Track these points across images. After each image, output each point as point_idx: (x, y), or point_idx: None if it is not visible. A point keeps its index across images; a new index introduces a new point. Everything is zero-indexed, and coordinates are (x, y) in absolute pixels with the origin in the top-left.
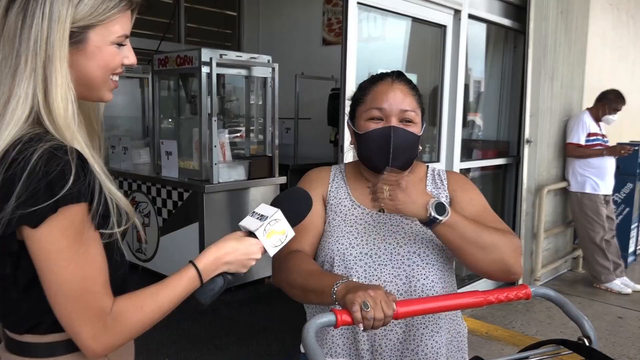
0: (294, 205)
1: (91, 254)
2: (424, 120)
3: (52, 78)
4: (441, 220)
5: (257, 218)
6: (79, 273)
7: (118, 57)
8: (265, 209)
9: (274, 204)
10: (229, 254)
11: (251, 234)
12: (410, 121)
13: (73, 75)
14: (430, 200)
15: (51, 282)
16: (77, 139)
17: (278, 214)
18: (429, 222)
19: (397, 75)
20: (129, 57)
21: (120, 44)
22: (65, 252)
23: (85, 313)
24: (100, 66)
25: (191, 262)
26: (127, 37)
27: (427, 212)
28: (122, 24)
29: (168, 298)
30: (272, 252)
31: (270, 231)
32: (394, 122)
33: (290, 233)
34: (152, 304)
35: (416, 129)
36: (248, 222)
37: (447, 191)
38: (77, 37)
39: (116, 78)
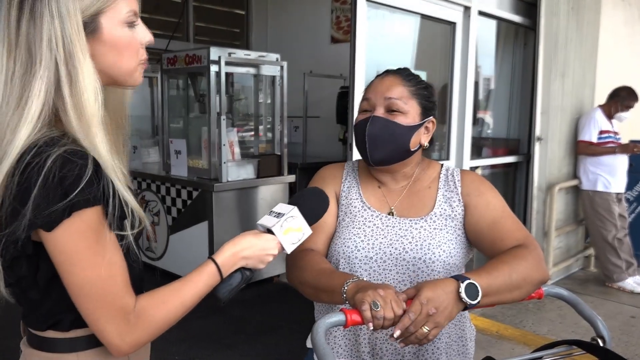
0: (311, 204)
1: (110, 254)
2: (428, 114)
3: (77, 71)
4: (478, 301)
5: (275, 216)
6: (99, 274)
7: (135, 39)
8: (282, 207)
9: (292, 202)
10: (247, 249)
11: (269, 231)
12: (397, 111)
13: (98, 66)
14: (460, 296)
15: (73, 284)
16: (97, 135)
17: (294, 211)
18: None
19: (397, 70)
20: (145, 35)
21: (132, 24)
22: (84, 253)
23: (109, 312)
24: (122, 50)
25: (210, 257)
26: (136, 14)
27: (464, 306)
28: (128, 3)
29: (190, 294)
30: (289, 249)
31: (287, 228)
32: (380, 112)
33: (307, 231)
34: (174, 300)
35: (405, 119)
36: (265, 220)
37: (460, 195)
38: (90, 26)
39: (143, 62)
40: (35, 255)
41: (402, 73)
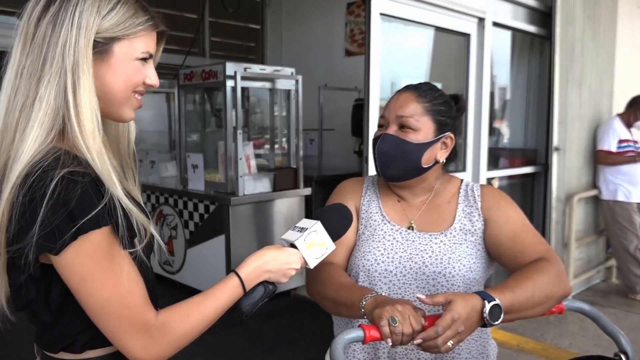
0: (334, 220)
1: (124, 271)
2: (443, 130)
3: (80, 81)
4: (498, 323)
5: (298, 231)
6: (116, 291)
7: (140, 74)
8: (305, 222)
9: (315, 217)
10: (270, 263)
11: (292, 246)
12: (409, 128)
13: (97, 87)
14: (483, 316)
15: (91, 304)
16: (96, 147)
17: (317, 225)
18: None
19: (415, 85)
20: (151, 77)
21: (144, 60)
22: (98, 273)
23: (130, 328)
24: (122, 80)
25: (233, 271)
26: (151, 56)
27: (483, 324)
28: (146, 42)
29: (213, 307)
30: (312, 263)
31: (310, 242)
32: (392, 129)
33: (330, 246)
34: (197, 313)
35: (416, 136)
36: (289, 235)
37: (480, 210)
38: (101, 47)
39: (139, 97)
40: (46, 278)
41: (420, 89)
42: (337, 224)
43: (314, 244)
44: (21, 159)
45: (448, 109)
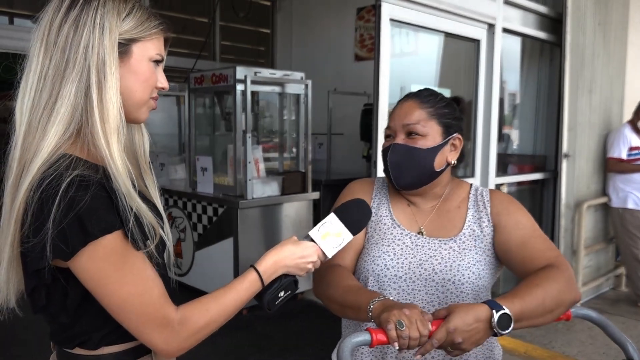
0: (352, 213)
1: (141, 270)
2: (450, 132)
3: (107, 80)
4: (509, 331)
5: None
6: (135, 291)
7: (155, 76)
8: (324, 218)
9: (335, 212)
10: (287, 257)
11: (310, 240)
12: (417, 134)
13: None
14: (492, 325)
15: (111, 304)
16: (116, 145)
17: (331, 216)
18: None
19: (416, 93)
20: (162, 81)
21: (156, 63)
22: (115, 276)
23: (152, 323)
24: (141, 81)
25: (252, 266)
26: (162, 59)
27: (494, 333)
28: (158, 46)
29: (232, 300)
30: (329, 253)
31: (324, 233)
32: (400, 138)
33: (347, 236)
34: (217, 307)
35: (425, 142)
36: (309, 232)
37: (489, 215)
38: (123, 47)
39: (154, 101)
40: (62, 282)
41: (421, 95)
42: (355, 216)
43: (329, 234)
44: (40, 154)
45: (452, 111)
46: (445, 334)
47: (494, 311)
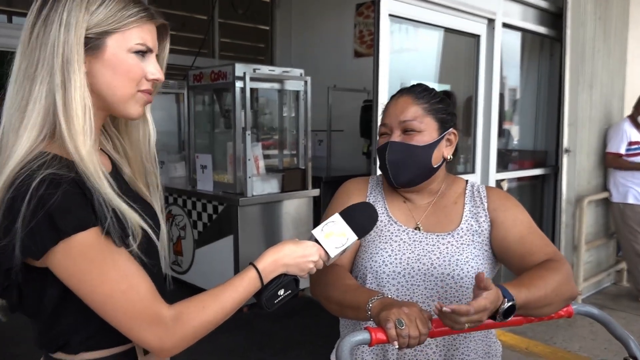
0: (357, 215)
1: (124, 267)
2: (446, 127)
3: (71, 80)
4: (509, 318)
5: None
6: (118, 287)
7: (138, 68)
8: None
9: (342, 214)
10: (287, 256)
11: (314, 241)
12: (413, 131)
13: (94, 85)
14: (498, 311)
15: (94, 302)
16: (90, 147)
17: (336, 216)
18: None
19: (409, 89)
20: (154, 72)
21: (141, 54)
22: (94, 272)
23: (141, 320)
24: (120, 75)
25: (251, 263)
26: (149, 50)
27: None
28: (140, 35)
29: (230, 298)
30: (332, 253)
31: (328, 232)
32: (396, 135)
33: (351, 236)
34: (214, 304)
35: (422, 138)
36: (312, 230)
37: (486, 211)
38: (94, 42)
39: (147, 95)
40: (36, 282)
41: (415, 91)
42: (361, 219)
43: (332, 234)
44: (14, 157)
45: (446, 106)
46: (484, 307)
47: (505, 299)
